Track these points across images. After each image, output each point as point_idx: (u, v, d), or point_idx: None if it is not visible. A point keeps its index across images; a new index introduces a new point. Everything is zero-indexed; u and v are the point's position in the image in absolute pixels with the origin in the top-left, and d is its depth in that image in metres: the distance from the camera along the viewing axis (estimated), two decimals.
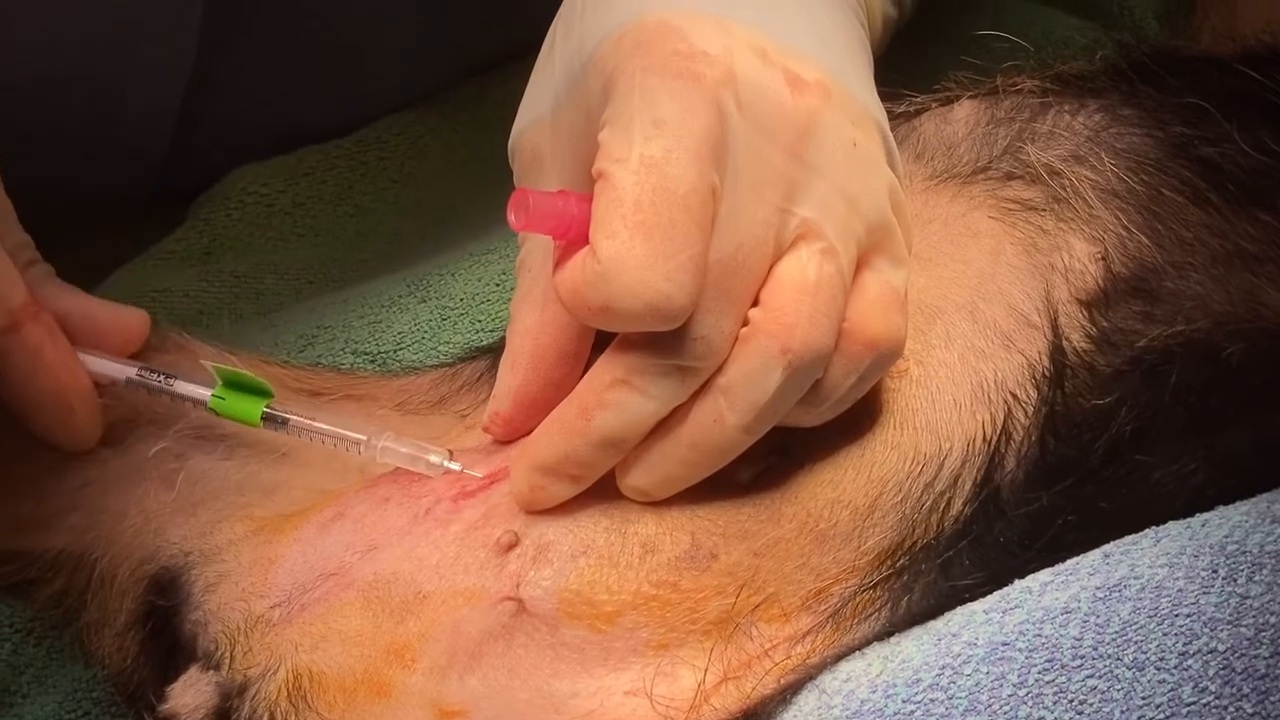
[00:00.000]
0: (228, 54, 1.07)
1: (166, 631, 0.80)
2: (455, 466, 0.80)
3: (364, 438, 0.81)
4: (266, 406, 0.82)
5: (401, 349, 0.92)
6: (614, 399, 0.74)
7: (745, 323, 0.73)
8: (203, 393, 0.82)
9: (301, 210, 1.04)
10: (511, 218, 0.73)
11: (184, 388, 0.83)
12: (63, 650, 0.85)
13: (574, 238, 0.73)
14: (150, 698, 0.78)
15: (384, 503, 0.81)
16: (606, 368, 0.74)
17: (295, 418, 0.82)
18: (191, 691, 0.77)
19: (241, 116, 0.86)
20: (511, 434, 0.81)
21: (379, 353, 0.92)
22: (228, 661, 0.78)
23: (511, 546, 0.77)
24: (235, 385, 0.82)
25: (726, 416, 0.74)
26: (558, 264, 0.73)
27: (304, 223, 1.03)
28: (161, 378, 0.83)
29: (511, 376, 0.80)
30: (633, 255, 0.70)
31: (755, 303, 0.74)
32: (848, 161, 0.75)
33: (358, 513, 0.81)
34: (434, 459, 0.80)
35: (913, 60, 0.97)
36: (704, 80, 0.72)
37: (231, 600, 0.79)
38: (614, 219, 0.70)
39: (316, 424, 0.81)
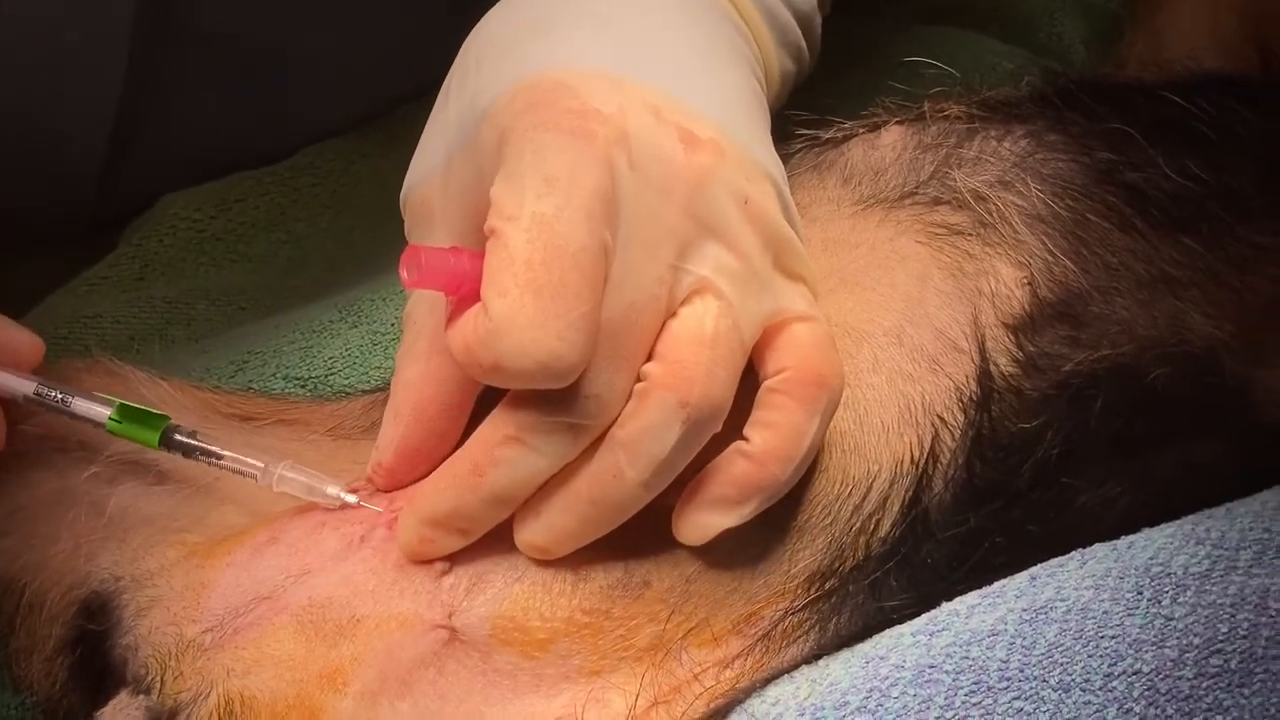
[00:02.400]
0: (157, 82, 1.06)
1: (96, 657, 0.80)
2: (352, 499, 0.80)
3: (261, 465, 0.80)
4: (166, 429, 0.81)
5: (333, 374, 0.92)
6: (505, 456, 0.74)
7: (640, 378, 0.73)
8: (100, 412, 0.81)
9: (233, 236, 1.03)
10: (404, 274, 0.73)
11: (81, 407, 0.81)
12: None
13: (465, 294, 0.73)
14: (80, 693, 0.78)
15: (319, 528, 0.80)
16: (498, 424, 0.74)
17: (193, 442, 0.81)
18: (121, 716, 0.77)
19: (173, 143, 0.86)
20: (394, 484, 0.81)
21: (310, 378, 0.92)
22: (158, 686, 0.77)
23: (445, 574, 0.77)
24: (132, 410, 0.81)
25: (626, 472, 0.73)
26: (450, 319, 0.73)
27: (236, 248, 1.03)
28: (59, 397, 0.81)
29: (394, 428, 0.79)
30: (524, 313, 0.70)
31: (650, 357, 0.74)
32: (741, 219, 0.75)
33: (292, 537, 0.80)
34: (331, 491, 0.80)
35: (841, 86, 0.98)
36: (596, 138, 0.72)
37: (163, 625, 0.78)
38: (505, 277, 0.70)
39: (214, 448, 0.81)
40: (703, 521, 0.76)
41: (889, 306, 0.82)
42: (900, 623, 0.77)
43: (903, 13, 1.12)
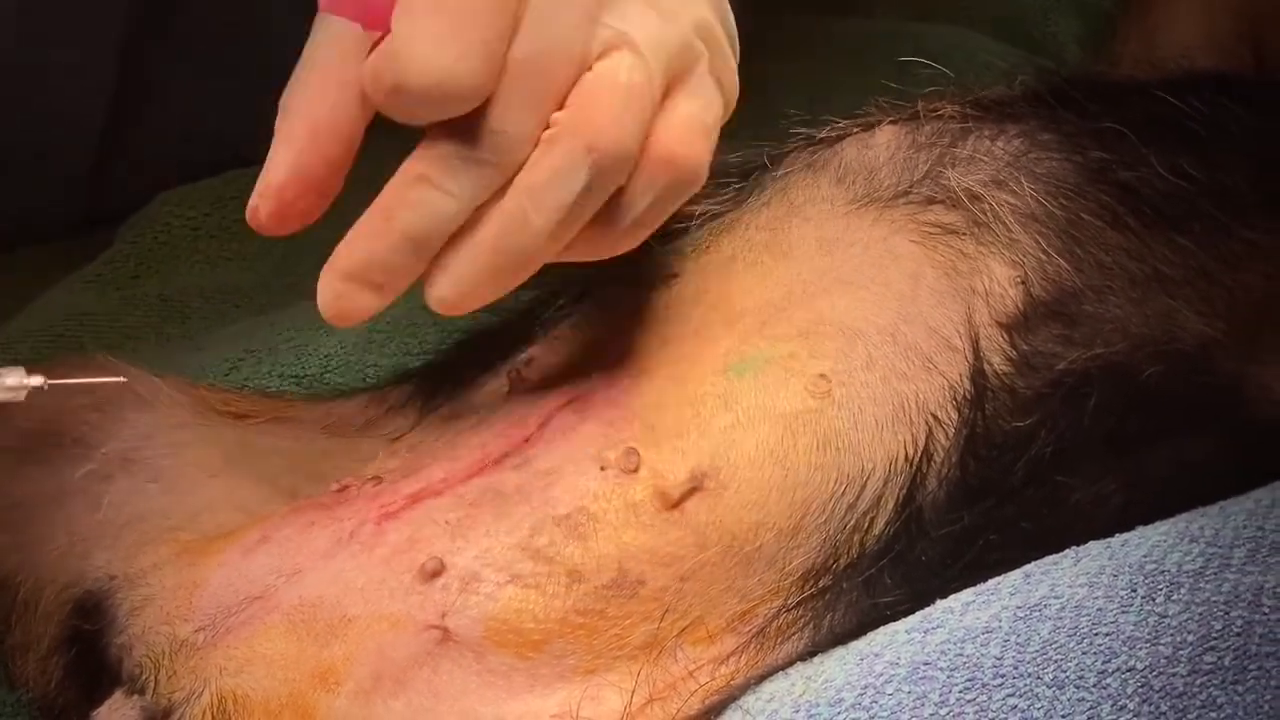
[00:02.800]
0: (149, 79, 1.06)
1: (91, 655, 0.80)
2: (35, 381, 0.77)
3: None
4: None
5: (328, 372, 0.92)
6: (414, 197, 0.73)
7: (549, 125, 0.73)
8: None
9: (228, 234, 1.03)
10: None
11: None
12: None
13: (380, 25, 0.73)
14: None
15: (309, 526, 0.81)
16: (408, 168, 0.73)
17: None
18: (116, 716, 0.77)
19: (166, 141, 0.86)
20: (282, 208, 0.75)
21: (305, 376, 0.92)
22: (152, 685, 0.77)
23: (436, 574, 0.77)
24: None
25: (531, 217, 0.73)
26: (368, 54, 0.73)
27: (230, 246, 1.03)
28: None
29: (287, 149, 0.75)
30: (425, 32, 0.70)
31: (561, 107, 0.73)
32: None
33: (282, 536, 0.80)
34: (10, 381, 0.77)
35: (834, 85, 0.98)
36: None
37: (156, 624, 0.78)
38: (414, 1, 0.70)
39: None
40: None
41: (883, 305, 0.82)
42: (894, 620, 0.77)
43: (896, 11, 1.12)
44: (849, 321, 0.81)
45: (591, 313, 0.87)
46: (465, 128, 0.72)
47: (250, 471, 0.83)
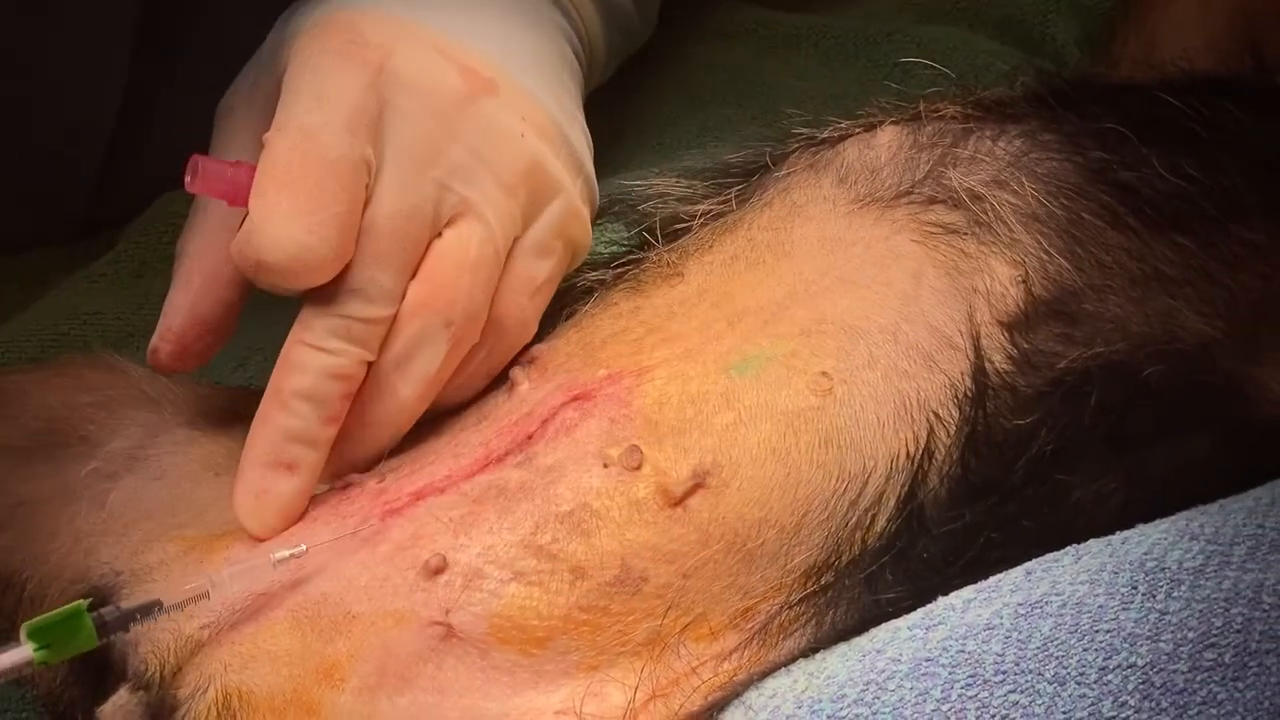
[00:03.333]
0: (157, 82, 1.06)
1: (96, 652, 0.79)
2: (286, 553, 0.78)
3: (206, 584, 0.77)
4: (92, 616, 0.75)
5: None
6: (295, 360, 0.79)
7: (405, 291, 0.80)
8: (22, 655, 0.74)
9: None
10: (186, 179, 0.80)
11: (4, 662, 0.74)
12: None
13: (243, 203, 0.78)
14: (80, 718, 0.77)
15: (312, 522, 0.81)
16: (289, 337, 0.80)
17: (126, 608, 0.76)
18: (121, 712, 0.77)
19: (174, 144, 0.86)
20: (182, 351, 0.83)
21: None
22: (157, 682, 0.77)
23: (439, 570, 0.77)
24: (49, 628, 0.75)
25: (399, 388, 0.80)
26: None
27: None
28: None
29: (185, 294, 0.83)
30: (278, 211, 0.76)
31: (416, 274, 0.80)
32: (513, 152, 0.83)
33: (287, 532, 0.80)
34: (278, 555, 0.78)
35: (836, 86, 0.98)
36: (368, 64, 0.80)
37: (161, 620, 0.78)
38: (266, 181, 0.77)
39: (152, 601, 0.76)
40: None
41: (885, 304, 0.82)
42: (896, 616, 0.77)
43: (897, 13, 1.12)
44: (851, 320, 0.81)
45: (594, 312, 0.87)
46: (332, 290, 0.78)
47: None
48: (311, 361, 0.79)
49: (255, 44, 0.88)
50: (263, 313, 0.86)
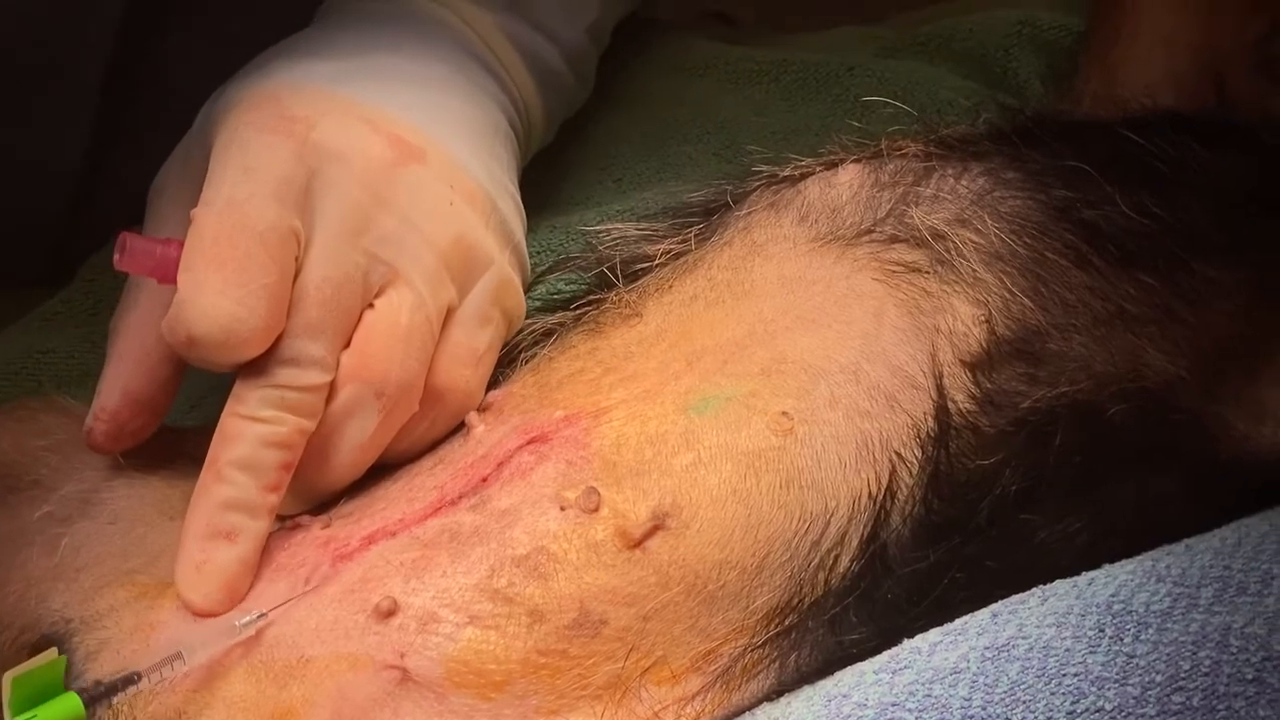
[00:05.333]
0: (123, 128, 1.06)
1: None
2: (251, 618, 0.78)
3: (177, 652, 0.77)
4: (79, 692, 0.75)
5: None
6: (230, 431, 0.79)
7: (340, 362, 0.81)
8: None
9: None
10: (115, 257, 0.81)
11: None
12: None
13: (173, 280, 0.79)
14: None
15: (265, 566, 0.80)
16: (222, 414, 0.80)
17: (107, 683, 0.76)
18: None
19: (138, 187, 0.86)
20: (116, 430, 0.83)
21: None
22: None
23: (390, 614, 0.77)
24: (31, 689, 0.75)
25: (332, 457, 0.81)
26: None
27: None
28: None
29: (117, 371, 0.83)
30: (207, 284, 0.77)
31: (348, 344, 0.81)
32: (442, 220, 0.84)
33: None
34: (240, 622, 0.78)
35: (797, 123, 0.98)
36: (294, 136, 0.81)
37: (113, 668, 0.77)
38: (194, 255, 0.78)
39: (131, 674, 0.76)
40: None
41: (846, 343, 0.82)
42: (861, 659, 0.76)
43: (859, 46, 1.12)
44: (811, 360, 0.81)
45: (552, 354, 0.87)
46: (264, 361, 0.79)
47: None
48: (247, 431, 0.79)
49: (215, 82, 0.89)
50: None
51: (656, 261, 0.88)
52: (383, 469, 0.84)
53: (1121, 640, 0.73)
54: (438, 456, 0.84)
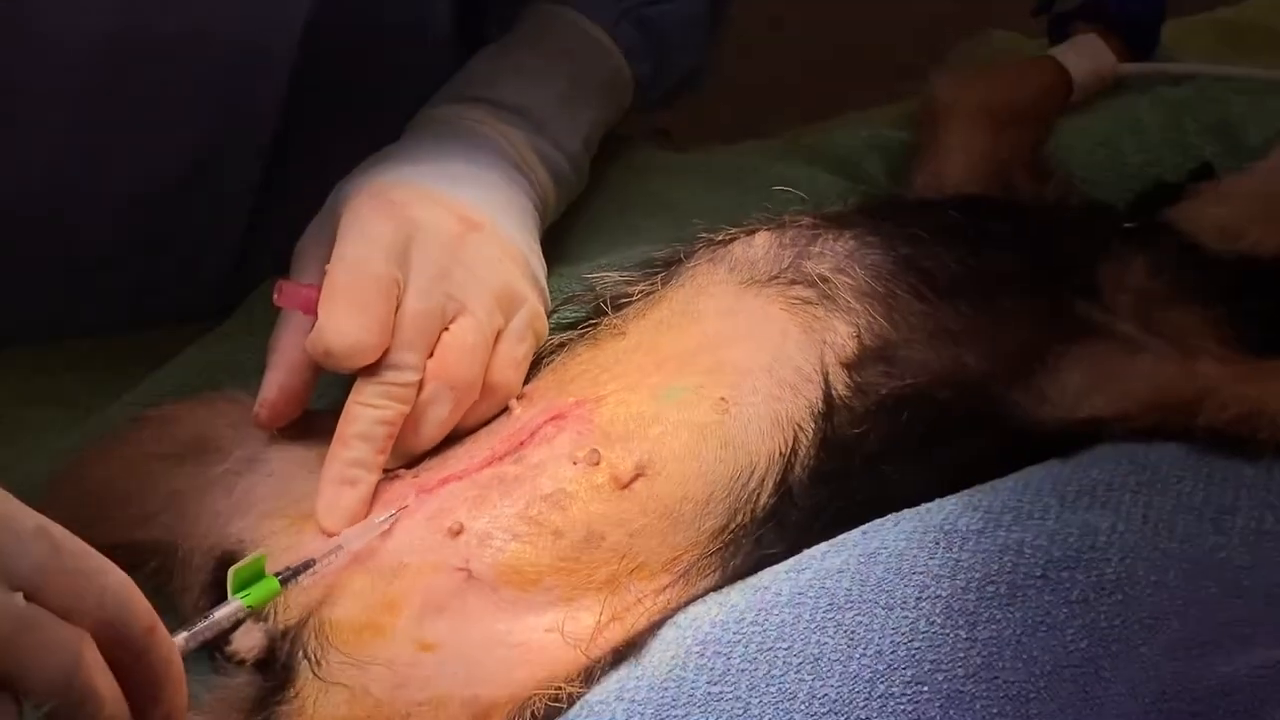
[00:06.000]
0: (274, 209, 1.06)
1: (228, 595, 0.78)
2: (388, 516, 0.78)
3: (339, 544, 0.77)
4: (276, 576, 0.74)
5: None
6: (352, 414, 0.79)
7: (425, 366, 0.80)
8: (235, 606, 0.73)
9: None
10: (274, 296, 0.82)
11: (221, 613, 0.72)
12: (160, 606, 0.80)
13: (314, 312, 0.80)
14: (220, 641, 0.75)
15: (375, 502, 0.80)
16: (346, 403, 0.80)
17: (294, 569, 0.75)
18: (249, 637, 0.75)
19: (286, 250, 0.87)
20: (274, 414, 0.83)
21: None
22: (273, 615, 0.75)
23: (459, 533, 0.76)
24: (245, 581, 0.74)
25: (421, 431, 0.81)
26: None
27: None
28: (202, 622, 0.72)
29: (274, 375, 0.83)
30: (339, 315, 0.78)
31: (433, 353, 0.81)
32: (492, 271, 0.84)
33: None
34: (379, 519, 0.77)
35: (726, 205, 0.98)
36: (395, 215, 0.82)
37: (273, 573, 0.76)
38: (330, 295, 0.79)
39: (310, 561, 0.76)
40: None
41: (762, 351, 0.81)
42: (776, 563, 0.76)
43: (762, 152, 1.12)
44: (740, 363, 0.81)
45: (565, 360, 0.86)
46: (376, 367, 0.79)
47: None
48: (364, 414, 0.79)
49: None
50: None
51: (634, 297, 0.87)
52: (454, 437, 0.83)
53: (950, 549, 0.74)
54: (490, 429, 0.83)
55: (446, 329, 0.82)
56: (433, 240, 0.83)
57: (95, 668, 0.58)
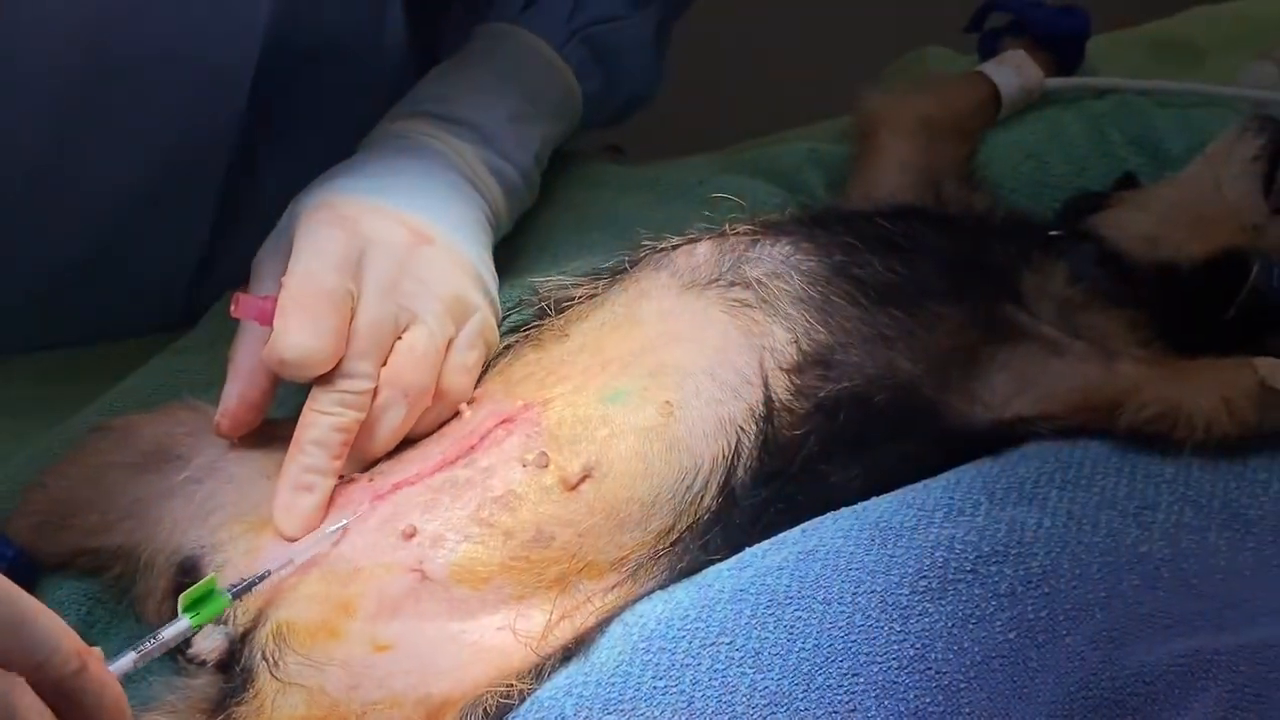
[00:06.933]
0: (231, 225, 1.06)
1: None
2: (338, 527, 0.77)
3: (286, 559, 0.76)
4: (224, 592, 0.74)
5: None
6: (309, 420, 0.79)
7: (379, 374, 0.80)
8: (183, 626, 0.73)
9: None
10: (231, 308, 0.82)
11: (168, 633, 0.72)
12: (121, 612, 0.82)
13: (269, 323, 0.80)
14: (181, 644, 0.75)
15: (331, 507, 0.79)
16: (302, 410, 0.80)
17: (243, 584, 0.75)
18: (209, 640, 0.75)
19: (244, 263, 0.87)
20: (235, 424, 0.82)
21: None
22: (232, 619, 0.75)
23: (412, 535, 0.76)
24: (195, 601, 0.73)
25: (375, 436, 0.80)
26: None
27: None
28: (151, 643, 0.72)
29: (234, 385, 0.82)
30: (294, 326, 0.78)
31: (386, 362, 0.80)
32: (443, 282, 0.84)
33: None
34: (329, 530, 0.77)
35: (670, 215, 0.97)
36: (346, 228, 0.82)
37: (231, 578, 0.76)
38: (284, 308, 0.78)
39: (257, 577, 0.75)
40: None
41: (704, 354, 0.81)
42: (719, 561, 0.76)
43: (706, 165, 1.12)
44: (682, 365, 0.81)
45: (512, 362, 0.86)
46: (331, 376, 0.79)
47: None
48: (320, 421, 0.79)
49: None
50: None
51: (577, 300, 0.87)
52: (408, 441, 0.83)
53: (885, 546, 0.74)
54: (441, 433, 0.83)
55: (399, 338, 0.82)
56: (384, 253, 0.82)
57: (31, 710, 0.59)
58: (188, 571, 0.78)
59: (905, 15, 1.42)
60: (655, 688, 0.70)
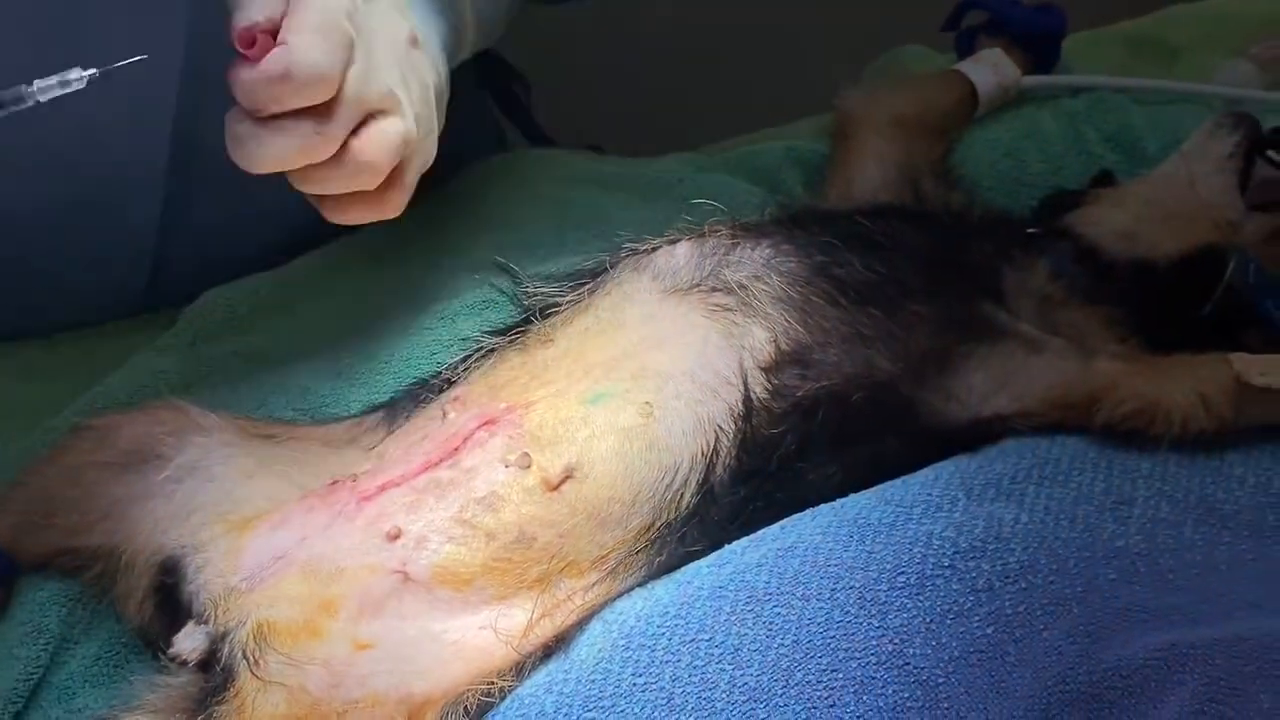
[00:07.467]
0: (188, 203, 1.03)
1: (171, 599, 0.78)
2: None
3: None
4: None
5: (325, 406, 0.90)
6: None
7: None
8: None
9: (256, 314, 1.00)
10: (233, 40, 0.74)
11: None
12: (102, 612, 0.82)
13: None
14: (162, 643, 0.75)
15: (311, 509, 0.79)
16: None
17: None
18: (190, 639, 0.75)
19: (211, 240, 0.84)
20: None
21: (309, 408, 0.90)
22: (213, 618, 0.75)
23: (397, 537, 0.76)
24: None
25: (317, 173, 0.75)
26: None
27: (257, 323, 0.99)
28: None
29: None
30: (308, 42, 0.72)
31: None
32: (423, 81, 0.81)
33: (295, 516, 0.79)
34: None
35: (649, 215, 0.98)
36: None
37: (214, 577, 0.76)
38: (300, 24, 0.72)
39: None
40: None
41: (684, 356, 0.81)
42: (698, 559, 0.77)
43: (687, 164, 1.12)
44: (663, 368, 0.81)
45: (496, 366, 0.86)
46: (314, 111, 0.73)
47: (273, 473, 0.82)
48: (279, 142, 0.74)
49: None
50: (275, 367, 0.84)
51: (562, 307, 0.87)
52: (390, 444, 0.82)
53: (864, 542, 0.74)
54: (425, 434, 0.82)
55: (374, 119, 0.77)
56: (387, 33, 0.80)
57: None
58: (169, 571, 0.78)
59: (883, 14, 1.42)
60: (635, 684, 0.70)
